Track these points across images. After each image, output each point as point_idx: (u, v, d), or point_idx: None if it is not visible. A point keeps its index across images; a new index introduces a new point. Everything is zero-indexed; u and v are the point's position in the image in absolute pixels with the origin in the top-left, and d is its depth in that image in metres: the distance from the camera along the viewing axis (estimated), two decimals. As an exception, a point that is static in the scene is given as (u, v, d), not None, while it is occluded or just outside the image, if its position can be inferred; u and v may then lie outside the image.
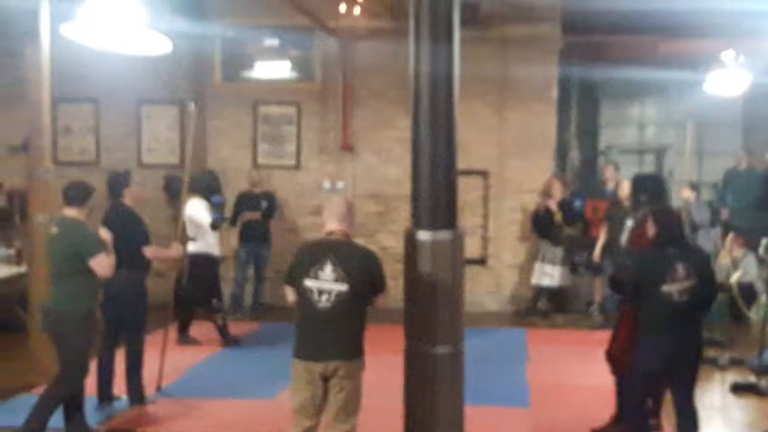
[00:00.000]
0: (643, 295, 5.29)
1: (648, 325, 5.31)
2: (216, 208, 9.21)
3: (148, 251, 6.87)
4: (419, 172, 5.13)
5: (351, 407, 4.93)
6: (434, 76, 5.06)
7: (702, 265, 5.45)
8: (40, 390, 6.38)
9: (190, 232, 8.49)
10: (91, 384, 6.36)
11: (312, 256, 4.90)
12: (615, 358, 5.96)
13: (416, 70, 5.10)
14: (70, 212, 5.91)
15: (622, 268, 6.07)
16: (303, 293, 4.85)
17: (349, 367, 4.87)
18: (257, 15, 10.95)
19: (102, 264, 5.78)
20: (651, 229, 5.40)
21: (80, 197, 5.92)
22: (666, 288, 5.17)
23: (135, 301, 6.81)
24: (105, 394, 6.88)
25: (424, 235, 5.09)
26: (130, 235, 6.74)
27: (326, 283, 4.79)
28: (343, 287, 4.78)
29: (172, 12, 8.83)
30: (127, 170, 7.63)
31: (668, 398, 5.59)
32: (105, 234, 6.23)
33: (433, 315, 5.08)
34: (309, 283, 4.82)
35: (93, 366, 6.30)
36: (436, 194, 5.12)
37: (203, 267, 8.80)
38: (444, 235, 5.09)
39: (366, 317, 4.97)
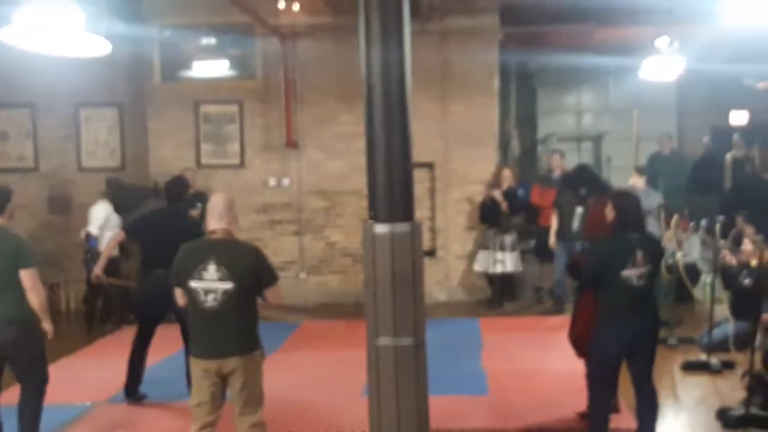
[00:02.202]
0: (603, 280, 5.37)
1: (607, 310, 5.38)
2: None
3: None
4: (375, 166, 5.11)
5: (255, 399, 4.99)
6: (386, 70, 5.02)
7: (658, 251, 5.59)
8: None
9: None
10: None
11: (194, 257, 4.89)
12: (578, 340, 6.05)
13: (368, 64, 5.05)
14: None
15: (582, 253, 6.17)
16: (190, 294, 4.87)
17: (246, 362, 4.89)
18: (195, 14, 10.86)
19: (32, 278, 5.52)
20: (610, 214, 5.48)
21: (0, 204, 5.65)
22: (626, 273, 5.26)
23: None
24: (132, 391, 7.02)
25: (382, 228, 5.08)
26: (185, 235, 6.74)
27: (211, 283, 4.80)
28: (228, 285, 4.78)
29: (109, 14, 8.73)
30: (187, 178, 7.75)
31: (624, 379, 5.68)
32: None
33: (394, 308, 5.09)
34: (194, 284, 4.83)
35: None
36: (392, 187, 5.12)
37: None
38: (402, 227, 5.09)
39: (256, 311, 4.98)
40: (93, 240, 9.65)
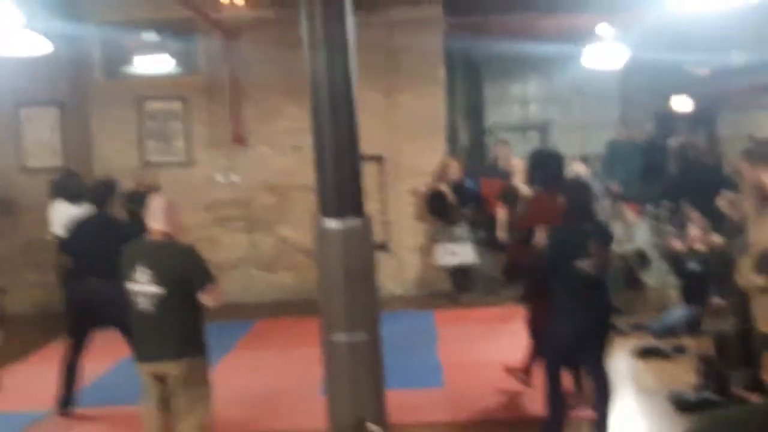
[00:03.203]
0: (557, 270, 5.39)
1: (562, 299, 5.42)
2: None
3: None
4: (323, 161, 5.07)
5: (193, 406, 4.85)
6: (331, 64, 4.99)
7: (609, 240, 5.62)
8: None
9: None
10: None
11: (128, 259, 4.85)
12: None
13: (312, 58, 5.01)
14: None
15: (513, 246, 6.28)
16: (127, 296, 4.82)
17: (182, 368, 4.79)
18: (136, 10, 10.69)
19: None
20: (561, 204, 5.49)
21: None
22: (579, 263, 5.29)
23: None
24: (68, 400, 6.81)
25: (332, 224, 5.05)
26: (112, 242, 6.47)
27: (142, 286, 4.74)
28: (156, 288, 4.71)
29: (48, 12, 8.58)
30: (114, 180, 7.34)
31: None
32: None
33: (347, 303, 5.05)
34: (129, 285, 4.79)
35: None
36: (341, 182, 5.08)
37: None
38: (353, 222, 5.07)
39: (197, 314, 4.85)
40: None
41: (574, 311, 5.37)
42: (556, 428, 5.58)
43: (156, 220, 4.85)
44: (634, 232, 9.52)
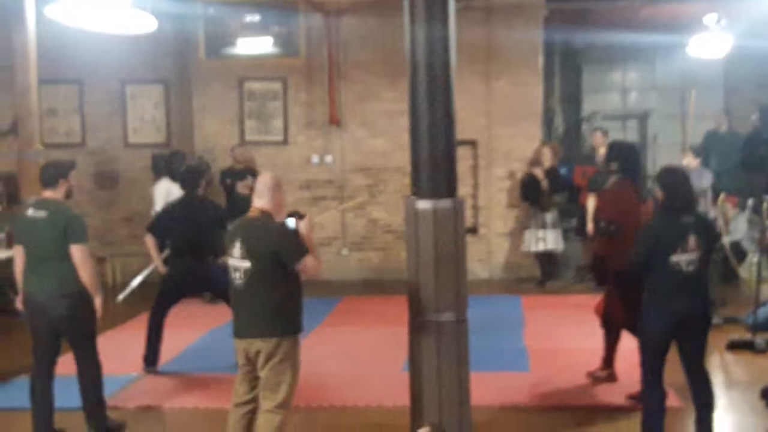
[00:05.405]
0: (652, 264, 5.17)
1: (655, 295, 5.21)
2: None
3: None
4: (418, 142, 5.14)
5: (275, 385, 4.83)
6: (430, 47, 5.04)
7: (712, 234, 5.40)
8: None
9: None
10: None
11: (230, 234, 4.94)
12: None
13: (412, 40, 5.07)
14: (48, 194, 5.67)
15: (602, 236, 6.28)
16: (229, 272, 4.93)
17: (271, 345, 4.78)
18: (240, -10, 10.90)
19: (81, 254, 5.58)
20: (658, 194, 5.29)
21: (54, 178, 5.68)
22: (675, 258, 5.08)
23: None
24: (153, 361, 7.33)
25: (425, 204, 5.11)
26: (203, 224, 7.09)
27: (237, 261, 4.80)
28: (248, 264, 4.75)
29: (154, -10, 8.79)
30: (205, 163, 7.80)
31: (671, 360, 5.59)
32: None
33: (436, 284, 5.11)
34: (229, 260, 4.88)
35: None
36: (436, 163, 5.14)
37: None
38: (445, 203, 5.11)
39: (291, 293, 4.81)
40: None
41: (667, 308, 5.15)
42: (656, 422, 5.35)
43: (259, 198, 4.91)
44: (732, 224, 9.33)
